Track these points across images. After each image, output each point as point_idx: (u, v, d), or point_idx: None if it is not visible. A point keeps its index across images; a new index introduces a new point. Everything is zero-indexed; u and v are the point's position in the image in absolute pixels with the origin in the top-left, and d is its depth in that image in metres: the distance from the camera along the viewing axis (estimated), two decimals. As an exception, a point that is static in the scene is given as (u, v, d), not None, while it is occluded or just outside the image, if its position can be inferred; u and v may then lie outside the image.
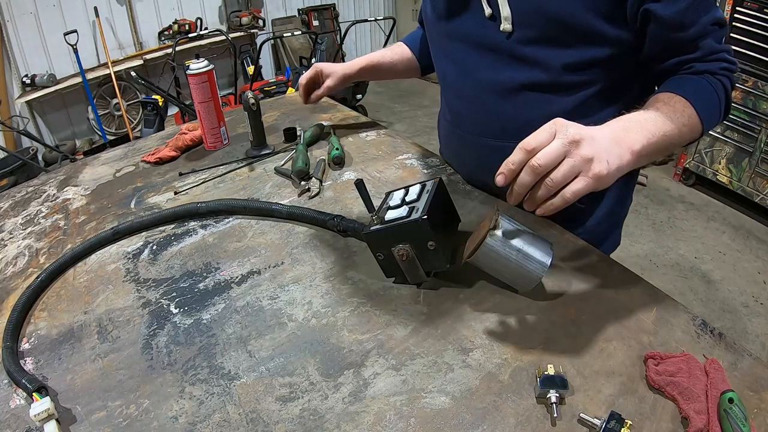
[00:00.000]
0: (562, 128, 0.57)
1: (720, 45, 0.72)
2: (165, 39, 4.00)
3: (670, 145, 0.68)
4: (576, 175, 0.56)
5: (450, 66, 0.90)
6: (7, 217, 0.98)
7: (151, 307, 0.73)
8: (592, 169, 0.56)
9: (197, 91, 1.10)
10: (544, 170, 0.55)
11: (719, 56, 0.72)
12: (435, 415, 0.55)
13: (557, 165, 0.55)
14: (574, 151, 0.55)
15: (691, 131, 0.69)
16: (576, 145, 0.56)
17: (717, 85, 0.72)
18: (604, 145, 0.58)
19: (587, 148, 0.56)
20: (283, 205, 0.89)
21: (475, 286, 0.72)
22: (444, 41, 0.89)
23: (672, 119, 0.67)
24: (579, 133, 0.56)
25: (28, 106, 3.57)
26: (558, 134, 0.56)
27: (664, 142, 0.65)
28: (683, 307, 0.68)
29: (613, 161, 0.58)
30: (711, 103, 0.72)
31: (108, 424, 0.56)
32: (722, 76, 0.73)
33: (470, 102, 0.88)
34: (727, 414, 0.50)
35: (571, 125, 0.57)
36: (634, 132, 0.63)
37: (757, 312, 2.10)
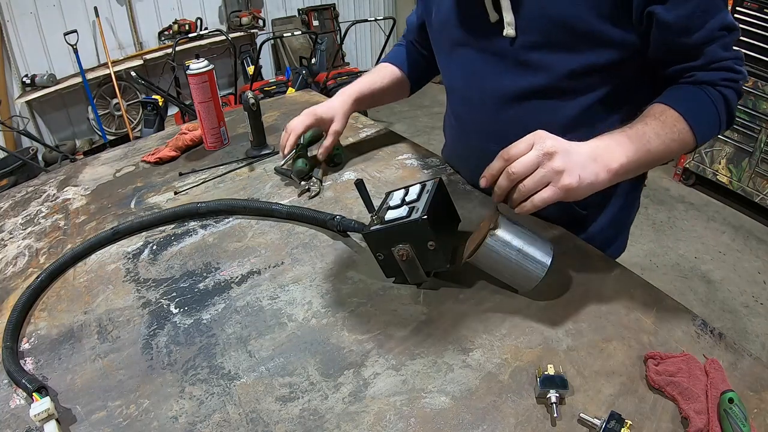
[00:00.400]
0: (540, 140, 0.61)
1: (726, 52, 0.70)
2: (165, 39, 4.00)
3: (656, 161, 0.69)
4: (546, 184, 0.61)
5: (455, 72, 0.90)
6: (7, 217, 0.98)
7: (151, 307, 0.73)
8: (561, 180, 0.60)
9: (197, 91, 1.10)
10: (518, 177, 0.61)
11: (723, 65, 0.70)
12: (435, 415, 0.55)
13: (531, 173, 0.61)
14: (547, 163, 0.60)
15: (681, 146, 0.69)
16: (549, 157, 0.60)
17: (716, 97, 0.70)
18: (579, 161, 0.62)
19: (559, 161, 0.60)
20: (283, 205, 0.89)
21: (475, 286, 0.72)
22: (449, 48, 0.88)
23: (660, 135, 0.67)
24: (554, 146, 0.61)
25: (28, 106, 3.57)
26: (535, 145, 0.61)
27: (648, 159, 0.67)
28: (683, 307, 0.68)
29: (586, 176, 0.62)
30: (707, 116, 0.70)
31: (108, 424, 0.56)
32: (724, 87, 0.71)
33: (475, 108, 0.87)
34: (727, 414, 0.50)
35: (549, 138, 0.62)
36: (614, 150, 0.65)
37: (757, 312, 2.10)
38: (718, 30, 0.67)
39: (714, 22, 0.67)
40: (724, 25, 0.67)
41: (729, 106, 0.71)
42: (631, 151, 0.65)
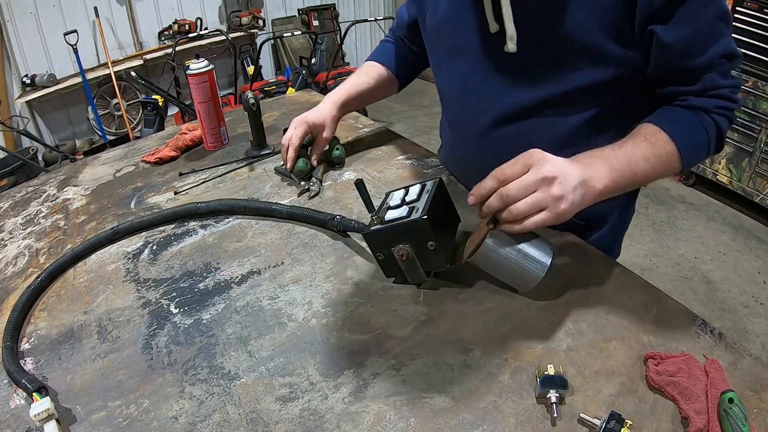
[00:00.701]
0: (538, 163, 0.60)
1: (724, 80, 0.68)
2: (165, 39, 4.00)
3: (641, 183, 0.70)
4: (541, 209, 0.60)
5: (451, 81, 0.87)
6: (7, 217, 0.98)
7: (151, 307, 0.73)
8: (557, 207, 0.60)
9: (197, 91, 1.10)
10: (513, 200, 0.60)
11: (720, 92, 0.69)
12: (435, 415, 0.55)
13: (526, 196, 0.59)
14: (546, 188, 0.59)
15: (667, 169, 0.69)
16: (549, 182, 0.59)
17: (709, 124, 0.69)
18: (574, 184, 0.61)
19: (558, 188, 0.59)
20: (283, 205, 0.89)
21: (475, 286, 0.72)
22: (445, 53, 0.86)
23: (648, 158, 0.66)
24: (553, 171, 0.59)
25: (28, 106, 3.57)
26: (533, 168, 0.60)
27: (633, 181, 0.67)
28: (683, 307, 0.68)
29: (576, 200, 0.61)
30: (697, 142, 0.70)
31: (108, 424, 0.56)
32: (718, 114, 0.69)
33: (472, 121, 0.85)
34: (727, 414, 0.50)
35: (546, 161, 0.60)
36: (601, 173, 0.64)
37: (757, 312, 2.10)
38: (718, 57, 0.66)
39: (716, 48, 0.65)
40: (725, 52, 0.66)
41: (720, 134, 0.71)
42: (617, 173, 0.65)
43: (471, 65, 0.81)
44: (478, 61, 0.79)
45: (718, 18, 0.64)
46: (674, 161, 0.68)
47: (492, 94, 0.80)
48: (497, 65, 0.77)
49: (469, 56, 0.80)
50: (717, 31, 0.65)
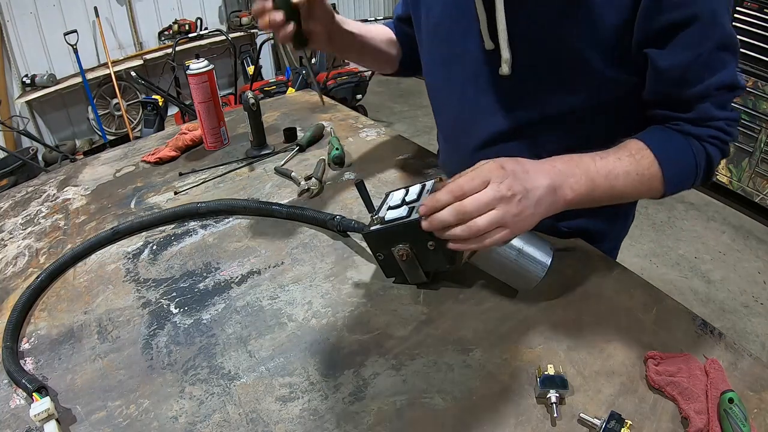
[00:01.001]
0: (498, 179, 0.56)
1: (720, 111, 0.65)
2: (165, 39, 4.00)
3: (617, 198, 0.66)
4: (501, 226, 0.56)
5: (446, 96, 0.85)
6: (7, 217, 0.98)
7: (151, 307, 0.73)
8: (517, 224, 0.57)
9: (197, 91, 1.10)
10: (469, 217, 0.55)
11: (714, 124, 0.65)
12: (435, 415, 0.55)
13: (484, 213, 0.55)
14: (504, 207, 0.55)
15: (649, 189, 0.66)
16: (508, 200, 0.55)
17: (699, 151, 0.66)
18: (538, 196, 0.58)
19: (517, 206, 0.56)
20: (283, 205, 0.89)
21: (475, 286, 0.72)
22: (439, 63, 0.84)
23: (629, 173, 0.64)
24: (512, 188, 0.56)
25: (28, 106, 3.57)
26: (492, 184, 0.56)
27: (610, 194, 0.64)
28: (683, 307, 0.68)
29: (541, 210, 0.59)
30: (683, 168, 0.66)
31: (108, 424, 0.56)
32: (710, 144, 0.66)
33: (465, 137, 0.83)
34: (727, 414, 0.50)
35: (506, 177, 0.56)
36: (576, 180, 0.61)
37: (757, 312, 2.10)
38: (715, 88, 0.63)
39: (714, 79, 0.62)
40: (724, 84, 0.63)
41: (710, 164, 0.67)
42: (593, 185, 0.62)
43: (467, 78, 0.79)
44: (475, 75, 0.78)
45: (720, 48, 0.61)
46: (656, 183, 0.65)
47: (487, 112, 0.78)
48: (493, 82, 0.76)
49: (467, 68, 0.78)
50: (717, 62, 0.62)
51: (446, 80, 0.84)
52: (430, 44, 0.85)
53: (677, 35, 0.60)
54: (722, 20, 0.60)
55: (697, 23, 0.59)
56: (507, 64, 0.70)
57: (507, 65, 0.70)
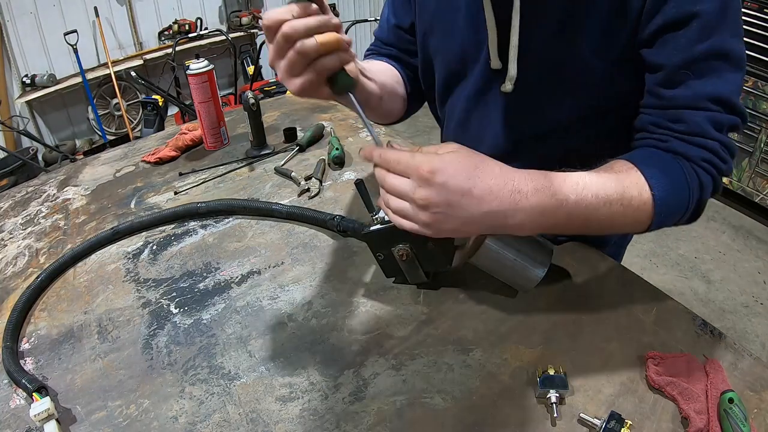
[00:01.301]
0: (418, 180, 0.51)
1: (715, 131, 0.58)
2: (165, 39, 4.00)
3: (587, 231, 0.59)
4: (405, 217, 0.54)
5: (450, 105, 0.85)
6: (7, 217, 0.98)
7: (151, 307, 0.73)
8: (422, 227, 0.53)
9: (197, 91, 1.10)
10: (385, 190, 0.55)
11: (708, 144, 0.58)
12: (435, 415, 0.55)
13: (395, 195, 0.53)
14: (414, 208, 0.52)
15: (633, 224, 0.60)
16: (419, 207, 0.52)
17: (694, 181, 0.59)
18: (463, 218, 0.51)
19: (427, 216, 0.52)
20: (283, 205, 0.89)
21: (475, 286, 0.72)
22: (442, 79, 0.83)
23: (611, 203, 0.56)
24: (428, 199, 0.50)
25: (28, 106, 3.57)
26: (410, 180, 0.51)
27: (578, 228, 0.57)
28: (683, 307, 0.68)
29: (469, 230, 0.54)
30: (676, 202, 0.59)
31: (108, 424, 0.56)
32: (702, 168, 0.59)
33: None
34: (727, 414, 0.50)
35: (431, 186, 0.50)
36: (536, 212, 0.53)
37: (757, 312, 2.10)
38: (706, 98, 0.57)
39: (703, 87, 0.57)
40: (717, 96, 0.57)
41: (702, 197, 0.60)
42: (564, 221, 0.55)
43: (467, 93, 0.79)
44: (478, 92, 0.77)
45: (714, 56, 0.56)
46: (643, 217, 0.59)
47: (489, 127, 0.78)
48: (496, 98, 0.75)
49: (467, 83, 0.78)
50: (709, 69, 0.57)
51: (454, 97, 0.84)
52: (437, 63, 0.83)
53: (669, 36, 0.58)
54: (724, 28, 0.56)
55: (696, 22, 0.56)
56: (511, 82, 0.70)
57: (510, 83, 0.70)
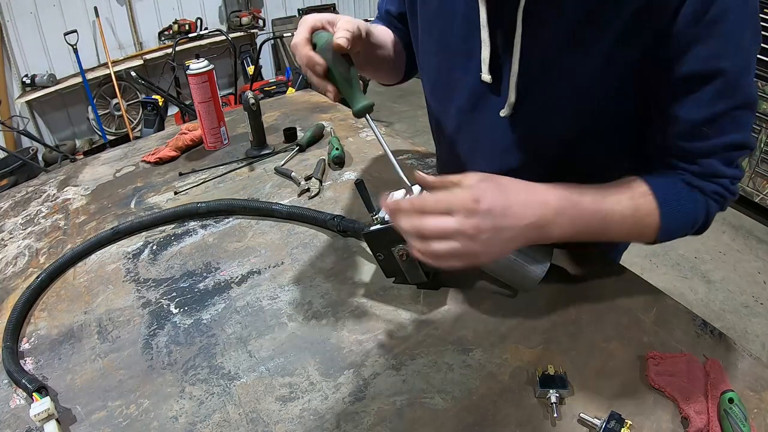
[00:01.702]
0: (465, 214, 0.52)
1: (727, 168, 0.60)
2: (165, 39, 4.00)
3: (604, 239, 0.62)
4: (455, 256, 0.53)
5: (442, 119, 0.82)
6: (7, 217, 0.98)
7: (151, 307, 0.73)
8: (473, 259, 0.54)
9: (197, 91, 1.10)
10: (426, 237, 0.53)
11: (720, 181, 0.61)
12: (435, 415, 0.55)
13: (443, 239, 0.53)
14: (465, 242, 0.52)
15: (638, 237, 0.63)
16: (470, 237, 0.52)
17: (700, 207, 0.62)
18: (511, 236, 0.54)
19: (478, 245, 0.52)
20: (283, 205, 0.89)
21: (475, 286, 0.72)
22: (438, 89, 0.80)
23: (624, 221, 0.60)
24: (479, 227, 0.52)
25: (28, 106, 3.57)
26: (457, 216, 0.52)
27: (597, 237, 0.61)
28: (683, 307, 0.68)
29: (515, 245, 0.57)
30: (681, 223, 0.62)
31: (108, 424, 0.56)
32: (712, 200, 0.62)
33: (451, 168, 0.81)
34: (727, 414, 0.50)
35: (477, 215, 0.52)
36: (568, 221, 0.57)
37: (757, 312, 2.10)
38: (722, 148, 0.59)
39: (723, 139, 0.58)
40: (733, 144, 0.58)
41: (707, 219, 0.63)
42: (585, 227, 0.59)
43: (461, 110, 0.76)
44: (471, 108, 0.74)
45: (738, 108, 0.56)
46: (648, 231, 0.62)
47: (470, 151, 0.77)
48: (481, 124, 0.73)
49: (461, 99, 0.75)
50: (731, 122, 0.57)
51: (443, 107, 0.81)
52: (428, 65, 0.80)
53: (698, 89, 0.56)
54: (747, 79, 0.56)
55: (721, 80, 0.54)
56: (510, 107, 0.67)
57: (509, 108, 0.67)
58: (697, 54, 0.54)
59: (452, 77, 0.75)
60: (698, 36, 0.53)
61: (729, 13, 0.52)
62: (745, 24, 0.54)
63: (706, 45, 0.53)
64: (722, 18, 0.52)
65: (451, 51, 0.73)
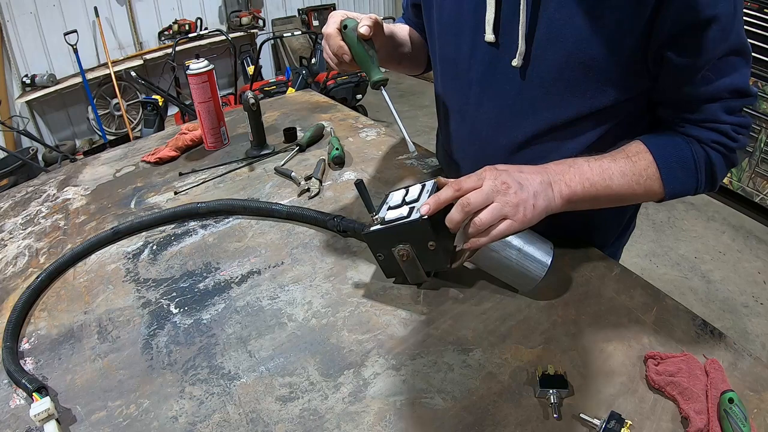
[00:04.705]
0: (492, 176, 0.61)
1: (728, 116, 0.64)
2: (165, 39, 4.00)
3: (615, 198, 0.67)
4: (503, 217, 0.60)
5: (453, 98, 0.83)
6: (7, 217, 0.98)
7: (151, 307, 0.73)
8: (517, 213, 0.60)
9: (197, 91, 1.10)
10: (472, 210, 0.60)
11: (719, 127, 0.65)
12: (435, 415, 0.55)
13: (485, 206, 0.60)
14: (502, 198, 0.60)
15: (647, 192, 0.67)
16: (504, 192, 0.60)
17: (700, 155, 0.66)
18: (533, 189, 0.62)
19: (513, 196, 0.60)
20: (283, 205, 0.89)
21: (475, 286, 0.72)
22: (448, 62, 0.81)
23: (625, 175, 0.66)
24: (507, 181, 0.61)
25: (28, 106, 3.57)
26: (487, 179, 0.61)
27: (607, 194, 0.66)
28: (683, 307, 0.68)
29: (541, 203, 0.62)
30: (683, 172, 0.66)
31: (108, 424, 0.56)
32: (711, 149, 0.66)
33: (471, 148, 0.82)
34: (727, 414, 0.50)
35: (499, 173, 0.61)
36: (569, 177, 0.65)
37: (757, 312, 2.10)
38: (726, 91, 0.63)
39: (725, 81, 0.62)
40: (735, 87, 0.63)
41: (712, 169, 0.67)
42: (589, 183, 0.65)
43: (473, 83, 0.77)
44: (481, 80, 0.75)
45: (733, 52, 0.61)
46: (655, 186, 0.67)
47: (494, 123, 0.77)
48: (500, 91, 0.74)
49: (472, 73, 0.76)
50: (729, 66, 0.62)
51: (451, 86, 0.82)
52: (441, 45, 0.82)
53: (694, 36, 0.59)
54: (738, 25, 0.60)
55: (715, 26, 0.58)
56: (520, 56, 0.68)
57: (520, 57, 0.68)
58: (695, 5, 0.58)
59: (464, 52, 0.77)
60: None
61: None
62: None
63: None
64: None
65: (463, 28, 0.75)
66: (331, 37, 0.76)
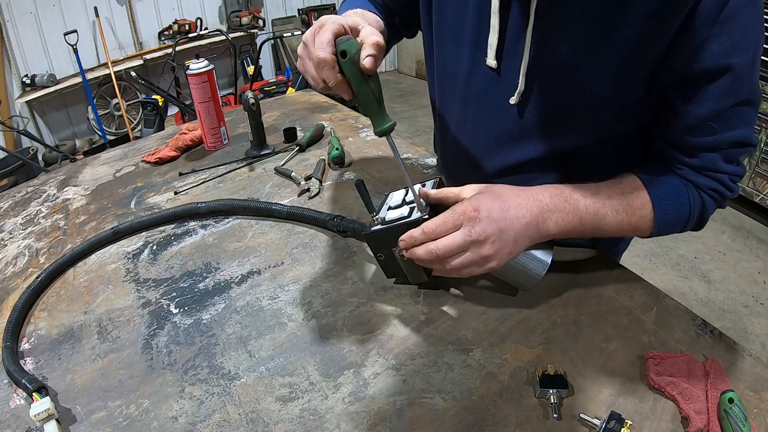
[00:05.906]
0: (469, 222, 0.58)
1: (727, 165, 0.62)
2: (165, 39, 4.00)
3: (601, 234, 0.65)
4: (471, 266, 0.59)
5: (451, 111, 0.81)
6: (7, 217, 0.98)
7: (151, 307, 0.73)
8: (488, 263, 0.59)
9: (197, 91, 1.10)
10: (441, 257, 0.59)
11: (718, 176, 0.63)
12: (435, 415, 0.55)
13: (456, 254, 0.58)
14: (476, 249, 0.58)
15: (633, 231, 0.66)
16: (480, 244, 0.58)
17: (696, 200, 0.64)
18: (514, 236, 0.59)
19: (489, 248, 0.58)
20: (283, 205, 0.89)
21: (475, 286, 0.72)
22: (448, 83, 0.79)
23: (618, 213, 0.63)
24: (486, 230, 0.57)
25: (28, 106, 3.57)
26: (464, 228, 0.58)
27: (592, 232, 0.64)
28: (683, 307, 0.68)
29: (521, 245, 0.61)
30: (676, 216, 0.65)
31: (108, 424, 0.56)
32: (707, 195, 0.64)
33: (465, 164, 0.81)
34: (727, 414, 0.50)
35: (479, 222, 0.57)
36: (563, 217, 0.62)
37: (757, 312, 2.10)
38: (727, 143, 0.60)
39: (728, 134, 0.59)
40: (737, 139, 0.60)
41: (703, 214, 0.66)
42: (580, 222, 0.63)
43: (469, 104, 0.75)
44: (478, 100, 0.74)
45: (743, 103, 0.58)
46: (644, 224, 0.65)
47: (488, 145, 0.76)
48: (497, 114, 0.72)
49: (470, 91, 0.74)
50: (737, 117, 0.59)
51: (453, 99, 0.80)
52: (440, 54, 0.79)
53: (703, 85, 0.57)
54: (753, 74, 0.58)
55: (730, 75, 0.55)
56: (519, 95, 0.67)
57: (518, 96, 0.67)
58: (711, 51, 0.54)
59: (463, 66, 0.74)
60: (712, 34, 0.54)
61: (742, 9, 0.53)
62: (755, 20, 0.55)
63: (719, 42, 0.54)
64: (736, 15, 0.53)
65: (463, 40, 0.73)
66: (324, 64, 0.57)
